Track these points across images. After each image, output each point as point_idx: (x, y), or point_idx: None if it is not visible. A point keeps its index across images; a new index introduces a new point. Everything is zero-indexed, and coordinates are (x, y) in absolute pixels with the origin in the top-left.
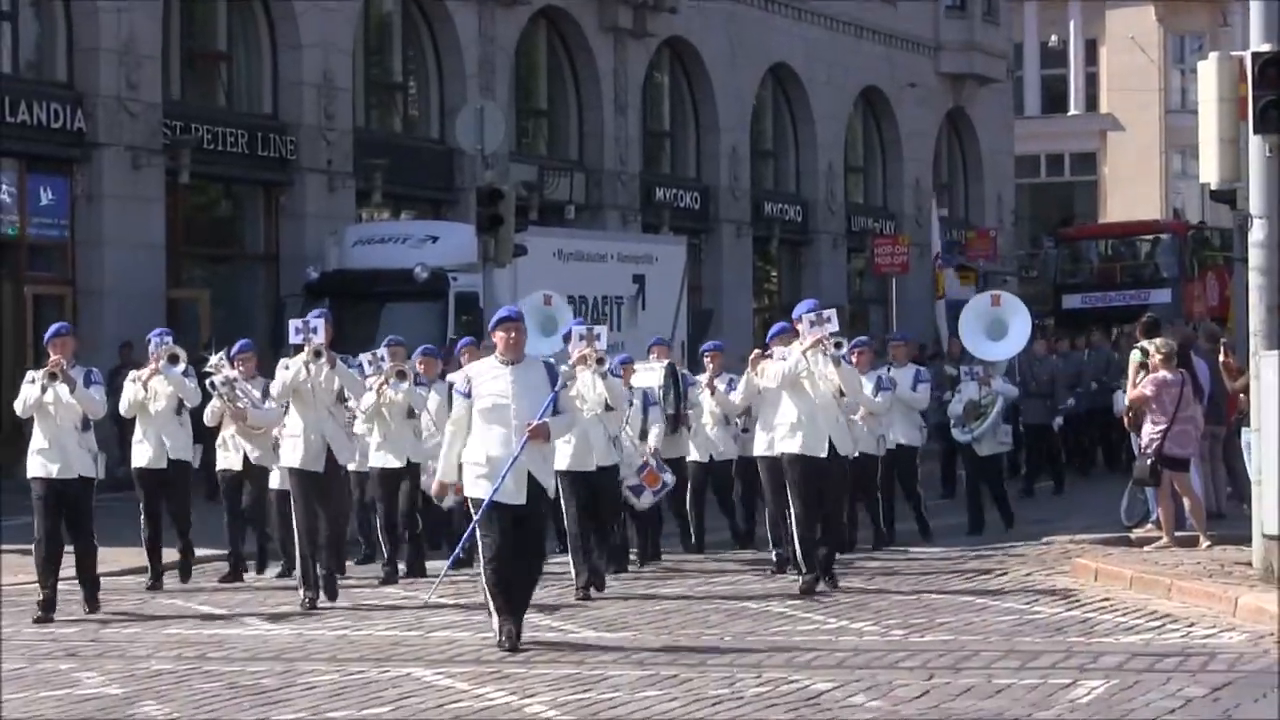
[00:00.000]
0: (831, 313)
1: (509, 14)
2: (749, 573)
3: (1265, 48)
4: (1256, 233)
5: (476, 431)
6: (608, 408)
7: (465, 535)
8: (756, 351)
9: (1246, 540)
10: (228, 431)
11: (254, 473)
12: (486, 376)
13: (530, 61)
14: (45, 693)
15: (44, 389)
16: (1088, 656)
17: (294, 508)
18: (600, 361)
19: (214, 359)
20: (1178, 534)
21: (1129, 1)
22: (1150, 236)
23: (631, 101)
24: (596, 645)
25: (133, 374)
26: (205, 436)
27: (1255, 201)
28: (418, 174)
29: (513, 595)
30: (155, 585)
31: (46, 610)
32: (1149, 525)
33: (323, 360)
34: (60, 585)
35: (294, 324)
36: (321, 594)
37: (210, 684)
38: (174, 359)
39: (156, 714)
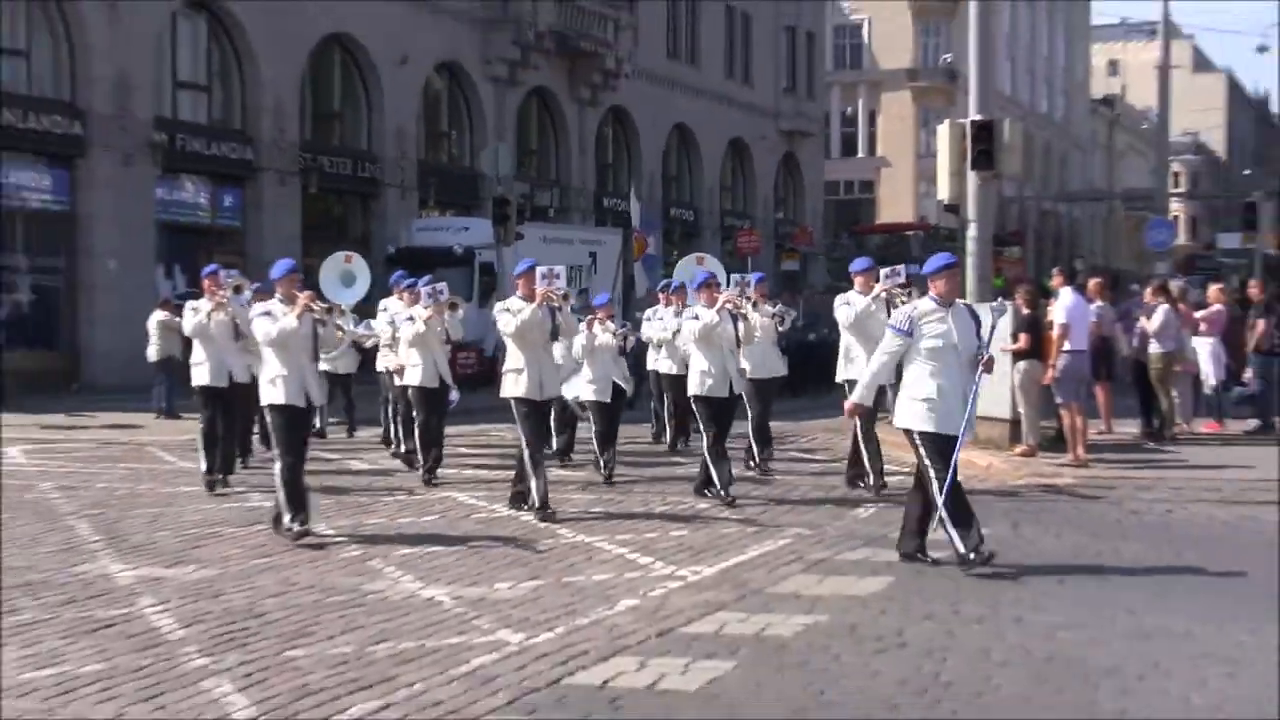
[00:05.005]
0: (901, 268)
1: (514, 90)
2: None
3: (978, 117)
4: (971, 231)
5: (920, 369)
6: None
7: (948, 482)
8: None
9: None
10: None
11: None
12: (930, 319)
13: (526, 119)
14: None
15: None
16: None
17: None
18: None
19: None
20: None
21: (896, 88)
22: (908, 233)
23: (588, 145)
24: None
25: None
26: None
27: (971, 210)
28: (457, 188)
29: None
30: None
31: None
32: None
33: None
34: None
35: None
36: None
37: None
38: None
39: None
